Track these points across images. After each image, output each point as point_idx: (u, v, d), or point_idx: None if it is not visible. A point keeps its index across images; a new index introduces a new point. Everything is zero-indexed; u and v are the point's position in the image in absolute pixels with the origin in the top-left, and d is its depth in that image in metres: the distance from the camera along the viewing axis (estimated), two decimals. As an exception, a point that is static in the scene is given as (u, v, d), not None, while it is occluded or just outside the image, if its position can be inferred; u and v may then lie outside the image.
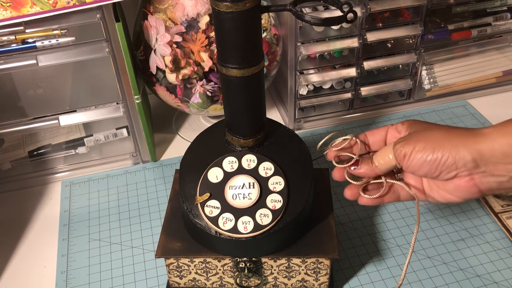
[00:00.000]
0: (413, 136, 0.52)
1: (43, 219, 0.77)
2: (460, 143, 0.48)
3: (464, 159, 0.48)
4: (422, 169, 0.50)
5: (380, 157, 0.54)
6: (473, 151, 0.48)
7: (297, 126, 0.90)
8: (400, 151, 0.51)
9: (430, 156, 0.49)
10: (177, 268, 0.61)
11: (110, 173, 0.83)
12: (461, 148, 0.48)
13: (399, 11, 0.83)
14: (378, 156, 0.54)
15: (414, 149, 0.50)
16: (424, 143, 0.50)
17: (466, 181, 0.49)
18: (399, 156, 0.51)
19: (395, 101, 0.93)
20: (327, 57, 0.85)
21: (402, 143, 0.51)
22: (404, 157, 0.51)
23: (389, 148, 0.53)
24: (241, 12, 0.50)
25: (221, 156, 0.59)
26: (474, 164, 0.48)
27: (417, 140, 0.51)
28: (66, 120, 0.76)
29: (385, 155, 0.54)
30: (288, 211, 0.57)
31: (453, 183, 0.50)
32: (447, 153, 0.48)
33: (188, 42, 0.74)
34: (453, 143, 0.49)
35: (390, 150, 0.53)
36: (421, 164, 0.50)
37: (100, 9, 0.68)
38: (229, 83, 0.55)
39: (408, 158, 0.51)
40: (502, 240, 0.69)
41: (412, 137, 0.52)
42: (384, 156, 0.54)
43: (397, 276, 0.65)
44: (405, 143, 0.51)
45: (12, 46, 0.68)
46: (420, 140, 0.50)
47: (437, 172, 0.50)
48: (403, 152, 0.51)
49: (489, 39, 0.90)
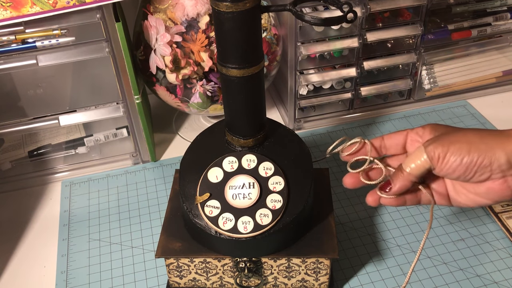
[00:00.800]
0: (445, 138, 0.49)
1: (43, 219, 0.77)
2: (495, 144, 0.47)
3: (499, 161, 0.47)
4: (457, 172, 0.49)
5: (411, 161, 0.51)
6: (508, 152, 0.47)
7: (297, 126, 0.90)
8: (434, 152, 0.49)
9: (466, 158, 0.47)
10: (177, 268, 0.61)
11: (110, 173, 0.83)
12: (496, 150, 0.47)
13: (399, 11, 0.83)
14: (408, 162, 0.51)
15: (448, 151, 0.48)
16: (459, 144, 0.48)
17: (500, 183, 0.48)
18: (434, 158, 0.49)
19: (395, 101, 0.93)
20: (327, 57, 0.85)
21: (435, 144, 0.49)
22: (438, 159, 0.49)
23: (419, 151, 0.50)
24: (241, 12, 0.50)
25: (221, 156, 0.59)
26: (508, 166, 0.47)
27: (450, 142, 0.48)
28: (66, 120, 0.76)
29: (416, 158, 0.50)
30: (288, 211, 0.57)
31: (485, 186, 0.49)
32: (483, 154, 0.47)
33: (188, 42, 0.74)
34: (489, 145, 0.47)
35: (421, 153, 0.50)
36: (456, 167, 0.48)
37: (100, 9, 0.68)
38: (229, 83, 0.55)
39: (443, 160, 0.48)
40: (502, 240, 0.69)
41: (443, 138, 0.49)
42: (416, 160, 0.50)
43: (397, 276, 0.65)
44: (437, 144, 0.49)
45: (12, 46, 0.68)
46: (453, 141, 0.48)
47: (471, 174, 0.48)
48: (437, 153, 0.49)
49: (489, 39, 0.90)
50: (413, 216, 0.73)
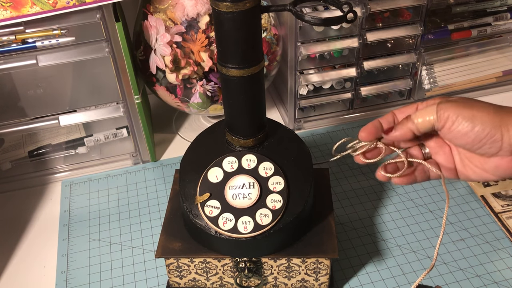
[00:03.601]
0: (460, 102, 0.48)
1: (43, 219, 0.77)
2: (510, 121, 0.46)
3: (511, 138, 0.46)
4: (466, 138, 0.47)
5: (420, 115, 0.50)
6: None
7: (297, 126, 0.90)
8: (444, 111, 0.48)
9: (478, 126, 0.46)
10: (177, 268, 0.61)
11: (110, 173, 0.83)
12: (510, 126, 0.46)
13: (399, 11, 0.83)
14: (418, 115, 0.50)
15: (460, 115, 0.47)
16: (472, 112, 0.46)
17: (508, 160, 0.48)
18: (442, 118, 0.48)
19: (395, 101, 0.93)
20: (327, 57, 0.85)
21: (448, 104, 0.48)
22: (447, 120, 0.48)
23: (431, 108, 0.49)
24: (241, 12, 0.50)
25: (221, 156, 0.59)
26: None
27: (465, 107, 0.47)
28: (66, 120, 0.76)
29: (426, 114, 0.49)
30: (288, 211, 0.57)
31: (494, 162, 0.49)
32: (496, 127, 0.46)
33: (188, 42, 0.74)
34: (504, 120, 0.46)
35: (432, 110, 0.49)
36: (465, 133, 0.47)
37: (100, 9, 0.68)
38: (229, 83, 0.55)
39: (453, 123, 0.47)
40: (502, 240, 0.69)
41: (459, 101, 0.48)
42: (425, 115, 0.49)
43: (397, 276, 0.65)
44: (451, 105, 0.47)
45: (12, 46, 0.68)
46: (467, 107, 0.47)
47: (480, 144, 0.47)
48: (447, 114, 0.47)
49: (489, 39, 0.90)
50: (413, 216, 0.73)
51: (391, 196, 0.76)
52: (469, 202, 0.74)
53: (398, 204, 0.75)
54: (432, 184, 0.77)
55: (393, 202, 0.75)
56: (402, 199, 0.75)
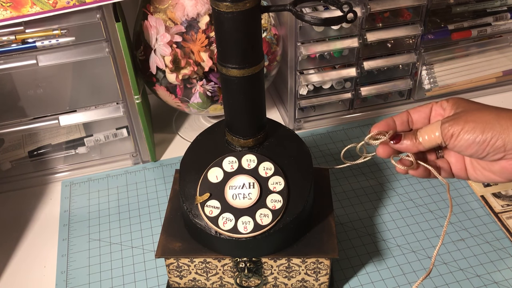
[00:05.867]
0: (462, 116, 0.51)
1: (43, 219, 0.77)
2: (511, 125, 0.48)
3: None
4: (470, 149, 0.50)
5: (425, 133, 0.53)
6: None
7: (297, 126, 0.90)
8: (448, 130, 0.51)
9: (479, 137, 0.49)
10: (177, 268, 0.61)
11: (110, 173, 0.83)
12: (511, 131, 0.48)
13: (399, 11, 0.83)
14: (423, 132, 0.53)
15: (463, 129, 0.50)
16: (473, 124, 0.49)
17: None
18: (446, 135, 0.51)
19: (395, 101, 0.93)
20: (327, 57, 0.85)
21: (451, 122, 0.51)
22: (452, 137, 0.50)
23: (435, 126, 0.52)
24: (241, 12, 0.50)
25: (221, 156, 0.59)
26: None
27: (466, 121, 0.50)
28: (66, 120, 0.76)
29: (431, 132, 0.52)
30: (288, 211, 0.57)
31: (500, 165, 0.51)
32: (497, 135, 0.48)
33: (188, 42, 0.74)
34: (504, 126, 0.48)
35: (437, 128, 0.52)
36: (469, 145, 0.50)
37: (100, 9, 0.68)
38: (229, 83, 0.55)
39: (456, 138, 0.50)
40: (502, 240, 0.69)
41: (460, 116, 0.51)
42: (430, 133, 0.52)
43: (397, 276, 0.65)
44: (454, 122, 0.50)
45: (12, 46, 0.68)
46: (469, 120, 0.50)
47: (484, 153, 0.50)
48: (451, 131, 0.50)
49: (489, 39, 0.90)
50: (413, 216, 0.73)
51: (391, 196, 0.76)
52: (469, 202, 0.74)
53: (398, 204, 0.75)
54: (432, 184, 0.77)
55: (393, 202, 0.75)
56: (402, 199, 0.75)
